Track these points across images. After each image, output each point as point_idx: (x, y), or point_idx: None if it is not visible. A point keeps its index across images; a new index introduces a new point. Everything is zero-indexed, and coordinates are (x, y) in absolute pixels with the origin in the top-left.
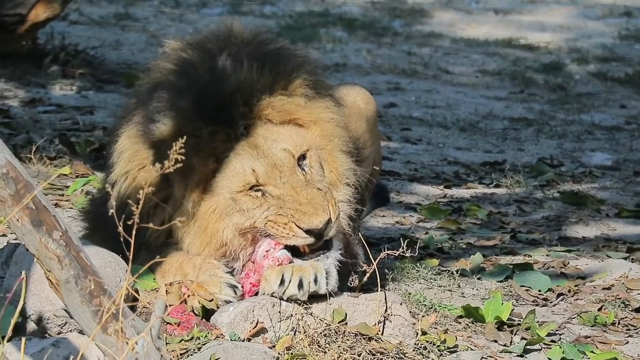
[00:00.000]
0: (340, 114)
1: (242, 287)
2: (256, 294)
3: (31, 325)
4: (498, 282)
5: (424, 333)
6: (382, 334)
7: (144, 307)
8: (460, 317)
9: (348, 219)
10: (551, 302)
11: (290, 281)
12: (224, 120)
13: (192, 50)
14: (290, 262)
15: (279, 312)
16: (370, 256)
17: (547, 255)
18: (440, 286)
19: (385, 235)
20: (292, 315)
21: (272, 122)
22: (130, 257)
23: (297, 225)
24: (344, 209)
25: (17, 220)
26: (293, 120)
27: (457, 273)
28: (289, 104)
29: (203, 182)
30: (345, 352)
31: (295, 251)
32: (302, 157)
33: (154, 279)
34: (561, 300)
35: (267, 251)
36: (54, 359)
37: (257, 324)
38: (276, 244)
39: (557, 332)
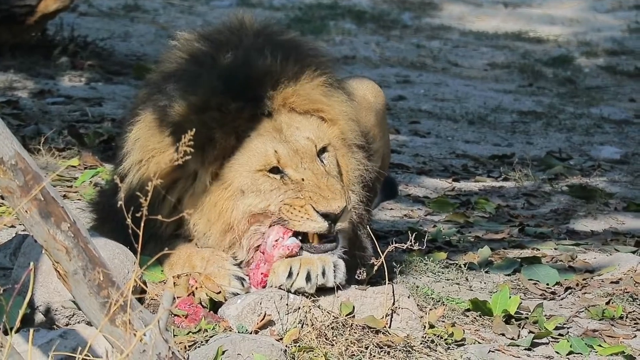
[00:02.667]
0: (354, 110)
1: (253, 278)
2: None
3: (39, 317)
4: (506, 275)
5: (431, 326)
6: (389, 327)
7: (151, 299)
8: (468, 310)
9: (358, 217)
10: (559, 296)
11: (298, 274)
12: (251, 98)
13: (204, 41)
14: (300, 249)
15: (287, 304)
16: (379, 249)
17: (555, 249)
18: (448, 279)
19: (394, 228)
20: (299, 308)
21: (295, 110)
22: (139, 249)
23: (314, 209)
24: (355, 209)
25: (26, 211)
26: (316, 111)
27: (464, 266)
28: (313, 94)
29: (221, 158)
30: (352, 345)
31: (304, 241)
32: (323, 149)
33: (162, 270)
34: (569, 294)
35: (276, 240)
36: (62, 350)
37: (264, 316)
38: (284, 232)
39: (564, 325)
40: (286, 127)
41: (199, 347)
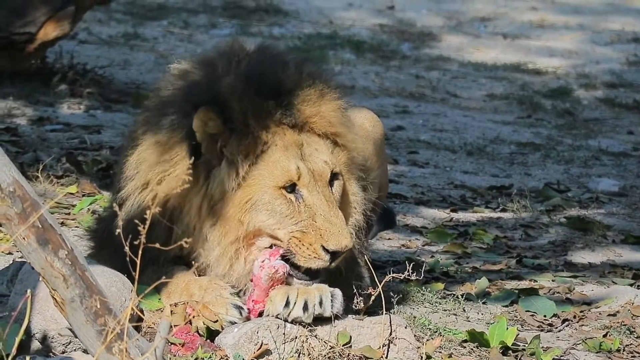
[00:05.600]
0: (357, 138)
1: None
2: (261, 313)
3: (36, 344)
4: (503, 306)
5: (428, 357)
6: (386, 358)
7: (148, 327)
8: (465, 341)
9: (359, 245)
10: (556, 328)
11: (295, 303)
12: (282, 104)
13: (204, 64)
14: (287, 271)
15: (284, 334)
16: (376, 279)
17: (552, 281)
18: (445, 310)
19: (391, 258)
20: (296, 337)
21: (314, 131)
22: (136, 277)
23: (323, 247)
24: (357, 236)
25: (23, 238)
26: (333, 134)
27: (462, 297)
28: (334, 117)
29: (252, 157)
30: None
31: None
32: (334, 176)
33: (160, 299)
34: (566, 326)
35: (262, 262)
36: None
37: (261, 345)
38: (271, 254)
39: (561, 357)
40: (306, 146)
41: None
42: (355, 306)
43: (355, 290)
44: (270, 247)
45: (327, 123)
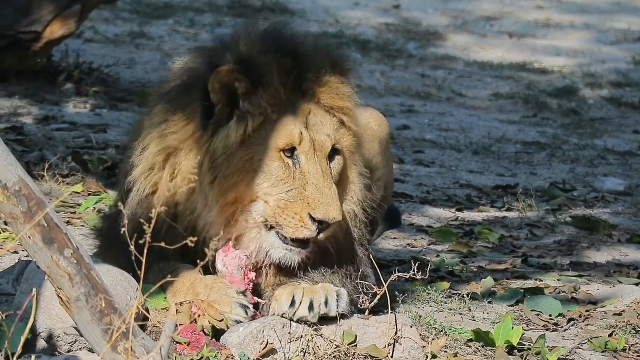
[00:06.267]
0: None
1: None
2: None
3: (41, 343)
4: (509, 306)
5: (433, 356)
6: (391, 357)
7: (154, 326)
8: (470, 340)
9: (357, 240)
10: (562, 327)
11: (300, 302)
12: (297, 67)
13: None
14: (246, 254)
15: (289, 333)
16: (381, 278)
17: (558, 280)
18: (450, 309)
19: (396, 257)
20: (301, 336)
21: (321, 103)
22: (142, 275)
23: (310, 215)
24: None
25: (29, 237)
26: (339, 110)
27: (467, 296)
28: (343, 92)
29: (265, 112)
30: None
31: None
32: (335, 151)
33: (165, 297)
34: (572, 325)
35: (223, 261)
36: None
37: (266, 344)
38: (224, 251)
39: (567, 357)
40: (312, 116)
41: None
42: (361, 305)
43: (360, 288)
44: (233, 245)
45: (335, 95)
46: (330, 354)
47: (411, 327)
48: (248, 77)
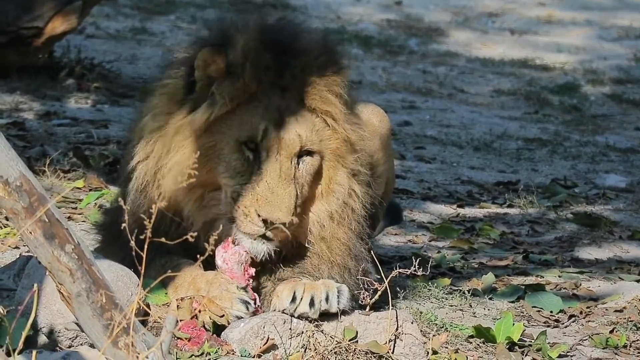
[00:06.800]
0: (366, 138)
1: None
2: None
3: (42, 338)
4: (510, 302)
5: (434, 352)
6: (392, 353)
7: (155, 322)
8: (471, 337)
9: (359, 237)
10: (563, 324)
11: (301, 299)
12: (283, 65)
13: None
14: (247, 250)
15: (290, 329)
16: (382, 274)
17: (559, 277)
18: (451, 305)
19: (398, 254)
20: (302, 332)
21: (304, 102)
22: (142, 271)
23: (257, 213)
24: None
25: (30, 233)
26: (323, 113)
27: (468, 293)
28: (328, 93)
29: (234, 104)
30: None
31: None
32: (307, 153)
33: (166, 293)
34: (573, 322)
35: (222, 258)
36: None
37: (267, 340)
38: (223, 248)
39: (568, 353)
40: (288, 113)
41: None
42: (362, 301)
43: (361, 284)
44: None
45: (319, 98)
46: (331, 350)
47: (412, 323)
48: (225, 63)
